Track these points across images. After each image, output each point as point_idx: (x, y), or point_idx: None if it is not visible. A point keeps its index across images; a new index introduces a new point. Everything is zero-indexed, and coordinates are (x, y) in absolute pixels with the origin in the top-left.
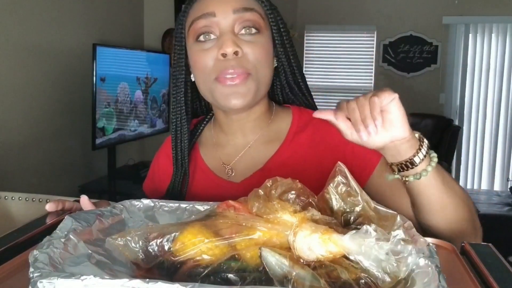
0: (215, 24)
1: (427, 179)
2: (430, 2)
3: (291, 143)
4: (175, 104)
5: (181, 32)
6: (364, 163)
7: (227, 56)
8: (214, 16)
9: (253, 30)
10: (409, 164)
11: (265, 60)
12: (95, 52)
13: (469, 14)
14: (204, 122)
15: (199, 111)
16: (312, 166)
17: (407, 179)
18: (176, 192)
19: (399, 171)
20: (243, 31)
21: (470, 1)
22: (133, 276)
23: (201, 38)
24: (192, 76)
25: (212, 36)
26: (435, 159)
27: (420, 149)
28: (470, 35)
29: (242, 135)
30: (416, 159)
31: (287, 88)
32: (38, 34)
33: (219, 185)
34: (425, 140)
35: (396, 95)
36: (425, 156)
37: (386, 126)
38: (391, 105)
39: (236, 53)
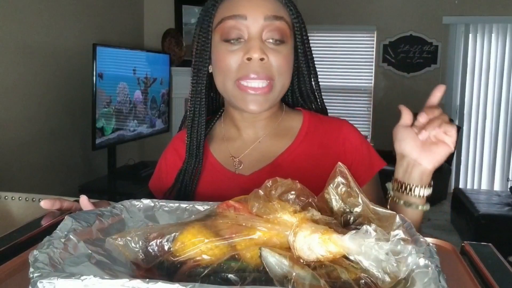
0: (245, 27)
1: (418, 213)
2: (430, 2)
3: (302, 142)
4: (194, 94)
5: (208, 26)
6: (366, 171)
7: (252, 60)
8: (245, 19)
9: (279, 40)
10: (409, 189)
11: (287, 70)
12: (95, 52)
13: (469, 14)
14: (215, 119)
15: (210, 104)
16: (321, 167)
17: (399, 201)
18: (187, 182)
19: (397, 189)
20: (270, 40)
21: (470, 1)
22: (133, 276)
23: (229, 38)
24: (210, 67)
25: (240, 39)
26: (427, 208)
27: (426, 187)
28: (470, 35)
29: (253, 130)
30: (416, 190)
31: (298, 92)
32: (38, 34)
33: (227, 177)
34: (431, 188)
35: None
36: (424, 196)
37: (441, 145)
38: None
39: (261, 59)
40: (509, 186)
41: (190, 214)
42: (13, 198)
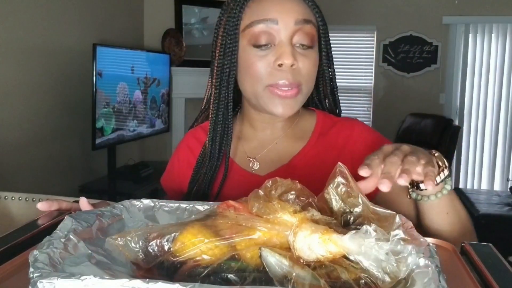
0: (276, 32)
1: (436, 201)
2: (430, 2)
3: (316, 143)
4: (218, 96)
5: (235, 28)
6: None
7: (283, 66)
8: (276, 24)
9: (308, 45)
10: (415, 186)
11: (314, 74)
12: (95, 52)
13: (469, 14)
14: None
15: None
16: (334, 168)
17: (426, 199)
18: (206, 185)
19: (412, 188)
20: (299, 44)
21: (470, 1)
22: (133, 276)
23: (258, 43)
24: (238, 75)
25: (270, 44)
26: (448, 187)
27: (439, 173)
28: (470, 35)
29: (271, 131)
30: (438, 179)
31: (315, 93)
32: (38, 34)
33: (244, 177)
34: (444, 171)
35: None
36: (445, 177)
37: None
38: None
39: (292, 65)
40: (509, 186)
41: (190, 214)
42: (13, 198)
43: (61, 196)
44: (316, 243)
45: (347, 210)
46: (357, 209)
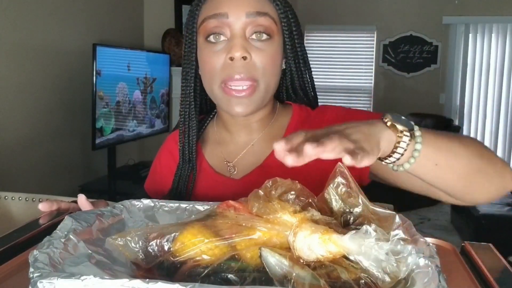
0: (227, 25)
1: (421, 159)
2: (430, 2)
3: None
4: (184, 97)
5: (192, 27)
6: None
7: (235, 60)
8: (227, 18)
9: (264, 36)
10: (394, 158)
11: (273, 69)
12: (95, 52)
13: (469, 14)
14: (208, 120)
15: (204, 105)
16: (309, 162)
17: (401, 169)
18: (182, 187)
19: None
20: (254, 36)
21: (470, 1)
22: (133, 276)
23: (211, 38)
24: (199, 71)
25: (222, 38)
26: (419, 146)
27: (399, 142)
28: (470, 35)
29: (246, 134)
30: (399, 150)
31: (291, 90)
32: (38, 34)
33: (220, 183)
34: (398, 126)
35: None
36: (408, 143)
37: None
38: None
39: (244, 58)
40: None
41: (190, 214)
42: (13, 198)
43: (60, 196)
44: (316, 243)
45: (347, 210)
46: (357, 209)
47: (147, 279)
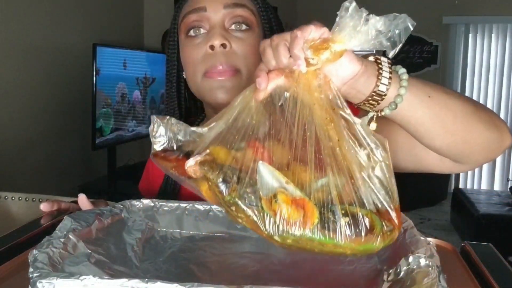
0: (206, 18)
1: (407, 102)
2: (430, 2)
3: None
4: (168, 99)
5: (174, 28)
6: None
7: (215, 49)
8: (205, 11)
9: (244, 27)
10: (377, 97)
11: (254, 57)
12: (95, 52)
13: (469, 14)
14: (197, 122)
15: (193, 110)
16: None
17: (383, 113)
18: (169, 187)
19: (370, 108)
20: (233, 27)
21: (470, 1)
22: (136, 272)
23: (192, 32)
24: (184, 73)
25: (202, 31)
26: (405, 76)
27: (381, 73)
28: (470, 35)
29: None
30: (382, 88)
31: None
32: (38, 34)
33: None
34: (384, 60)
35: (325, 29)
36: (390, 78)
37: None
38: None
39: (223, 45)
40: (509, 186)
41: (190, 214)
42: (13, 198)
43: (61, 196)
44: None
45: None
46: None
47: (146, 279)
